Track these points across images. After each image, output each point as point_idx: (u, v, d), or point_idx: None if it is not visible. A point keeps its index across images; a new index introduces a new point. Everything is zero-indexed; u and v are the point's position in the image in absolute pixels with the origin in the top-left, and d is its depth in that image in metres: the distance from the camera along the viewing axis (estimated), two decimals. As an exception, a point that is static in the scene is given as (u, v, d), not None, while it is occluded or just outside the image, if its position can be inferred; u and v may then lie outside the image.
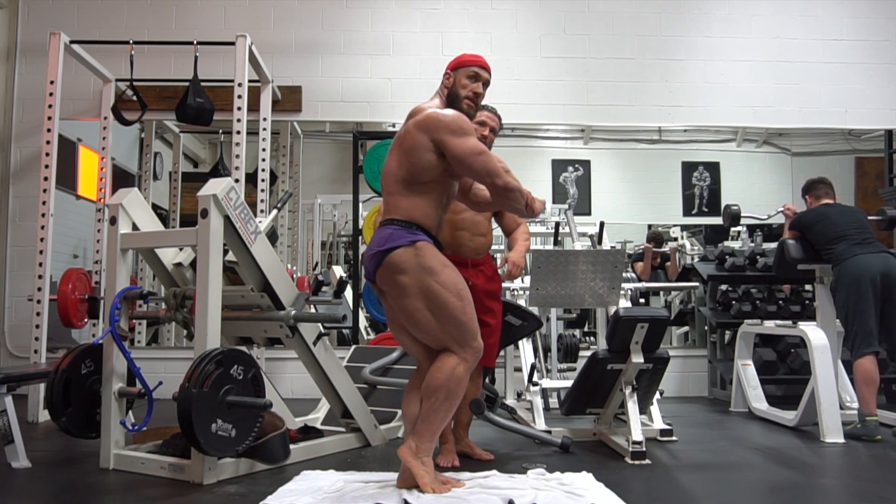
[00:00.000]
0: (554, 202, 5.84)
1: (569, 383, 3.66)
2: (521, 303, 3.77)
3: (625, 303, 3.79)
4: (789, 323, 4.10)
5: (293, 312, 2.96)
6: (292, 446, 2.97)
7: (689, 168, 6.16)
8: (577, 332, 5.52)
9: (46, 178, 4.17)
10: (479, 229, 3.08)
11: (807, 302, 5.04)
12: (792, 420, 3.87)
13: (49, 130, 4.21)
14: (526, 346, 4.03)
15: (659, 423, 3.54)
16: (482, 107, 2.97)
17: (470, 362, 2.38)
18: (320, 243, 6.14)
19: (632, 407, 3.13)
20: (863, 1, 5.70)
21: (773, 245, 4.67)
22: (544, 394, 4.27)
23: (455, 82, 2.54)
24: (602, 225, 4.27)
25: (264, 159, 4.76)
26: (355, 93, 5.40)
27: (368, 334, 5.53)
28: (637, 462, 2.98)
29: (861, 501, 2.49)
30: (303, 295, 3.05)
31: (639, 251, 6.02)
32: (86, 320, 4.28)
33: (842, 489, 2.78)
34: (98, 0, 5.33)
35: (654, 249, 5.79)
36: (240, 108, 4.32)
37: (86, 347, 2.96)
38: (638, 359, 3.14)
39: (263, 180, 4.73)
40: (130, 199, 2.95)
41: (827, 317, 3.91)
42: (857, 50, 5.65)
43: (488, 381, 3.54)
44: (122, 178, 5.39)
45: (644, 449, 3.01)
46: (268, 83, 4.92)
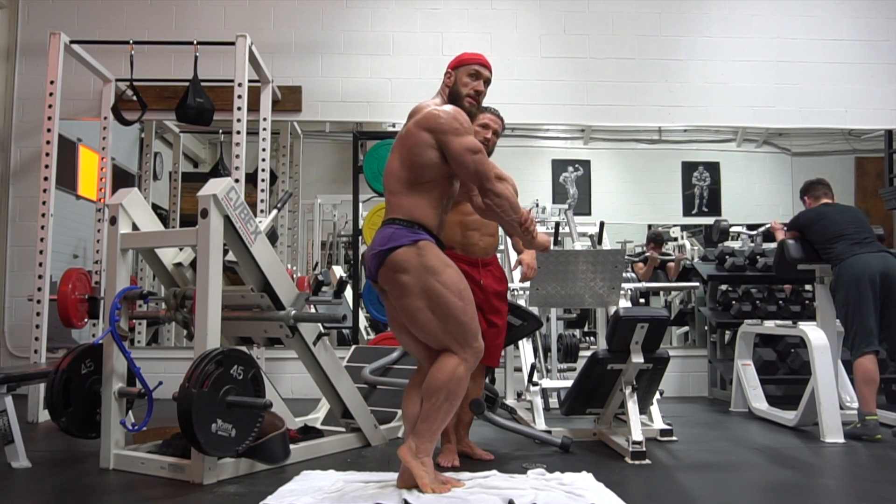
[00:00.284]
0: (554, 202, 5.83)
1: (569, 383, 3.66)
2: (521, 303, 3.77)
3: (625, 303, 3.80)
4: (789, 323, 4.10)
5: (293, 312, 2.96)
6: (292, 446, 2.97)
7: (689, 168, 6.16)
8: (577, 332, 5.52)
9: (46, 178, 4.17)
10: (488, 229, 3.08)
11: (807, 302, 5.04)
12: (792, 420, 3.87)
13: (49, 130, 4.21)
14: (526, 346, 4.02)
15: (659, 423, 3.54)
16: (485, 109, 2.96)
17: (470, 363, 2.38)
18: (320, 243, 6.14)
19: (632, 407, 3.13)
20: (863, 1, 5.70)
21: (773, 245, 4.68)
22: (544, 394, 4.27)
23: (456, 81, 2.54)
24: (602, 225, 4.27)
25: (264, 159, 4.75)
26: (355, 93, 5.40)
27: (368, 334, 5.53)
28: (637, 462, 2.98)
29: (861, 501, 2.49)
30: (303, 295, 3.05)
31: (644, 255, 6.01)
32: (86, 320, 4.27)
33: (842, 489, 2.79)
34: (98, 0, 5.33)
35: (658, 257, 5.78)
36: (240, 108, 4.32)
37: (86, 347, 2.96)
38: (638, 359, 3.14)
39: (263, 180, 4.73)
40: (130, 199, 2.95)
41: (827, 317, 3.91)
42: (857, 50, 5.65)
43: (488, 380, 3.54)
44: (122, 178, 5.39)
45: (644, 449, 3.01)
46: (268, 83, 4.92)
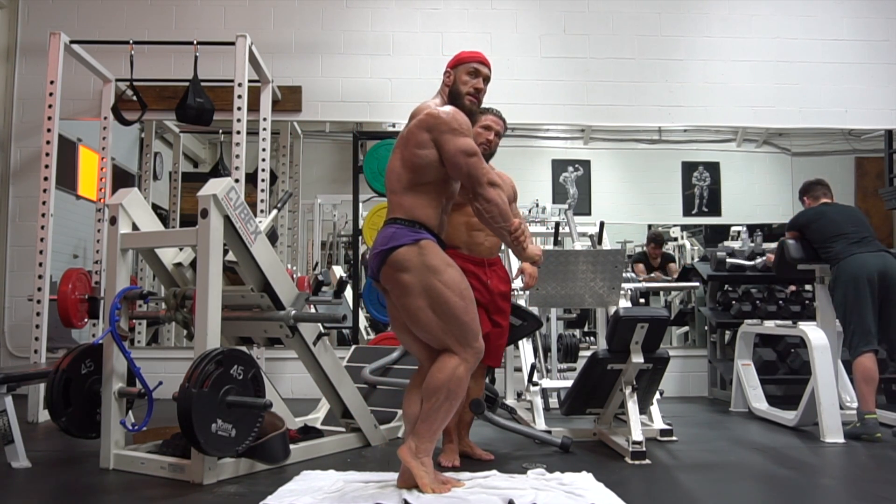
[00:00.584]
0: (554, 202, 5.84)
1: (569, 383, 3.66)
2: (521, 303, 3.77)
3: (625, 303, 3.80)
4: (789, 323, 4.10)
5: (293, 312, 2.96)
6: (292, 446, 2.97)
7: (689, 168, 6.16)
8: (577, 332, 5.52)
9: (46, 178, 4.18)
10: None
11: (807, 302, 5.04)
12: (792, 420, 3.87)
13: (49, 130, 4.21)
14: (526, 346, 4.02)
15: (659, 423, 3.54)
16: (487, 110, 2.96)
17: (471, 363, 2.38)
18: (320, 243, 6.14)
19: (632, 407, 3.13)
20: (863, 1, 5.70)
21: (773, 245, 4.68)
22: (544, 394, 4.27)
23: (456, 80, 2.54)
24: (602, 225, 4.27)
25: (264, 159, 4.75)
26: (355, 93, 5.40)
27: (368, 334, 5.52)
28: (637, 462, 2.98)
29: (861, 501, 2.50)
30: (303, 295, 3.05)
31: (641, 251, 6.02)
32: (86, 320, 4.27)
33: (842, 489, 2.78)
34: (98, 0, 5.33)
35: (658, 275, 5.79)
36: (240, 108, 4.32)
37: (86, 347, 2.96)
38: (638, 359, 3.14)
39: (263, 180, 4.73)
40: (130, 199, 2.95)
41: (827, 317, 3.91)
42: (857, 50, 5.65)
43: (488, 381, 3.54)
44: (122, 178, 5.39)
45: (644, 449, 3.01)
46: (268, 83, 4.92)
